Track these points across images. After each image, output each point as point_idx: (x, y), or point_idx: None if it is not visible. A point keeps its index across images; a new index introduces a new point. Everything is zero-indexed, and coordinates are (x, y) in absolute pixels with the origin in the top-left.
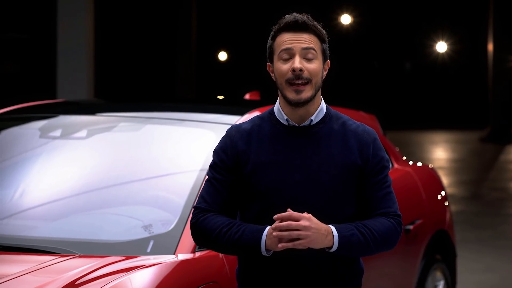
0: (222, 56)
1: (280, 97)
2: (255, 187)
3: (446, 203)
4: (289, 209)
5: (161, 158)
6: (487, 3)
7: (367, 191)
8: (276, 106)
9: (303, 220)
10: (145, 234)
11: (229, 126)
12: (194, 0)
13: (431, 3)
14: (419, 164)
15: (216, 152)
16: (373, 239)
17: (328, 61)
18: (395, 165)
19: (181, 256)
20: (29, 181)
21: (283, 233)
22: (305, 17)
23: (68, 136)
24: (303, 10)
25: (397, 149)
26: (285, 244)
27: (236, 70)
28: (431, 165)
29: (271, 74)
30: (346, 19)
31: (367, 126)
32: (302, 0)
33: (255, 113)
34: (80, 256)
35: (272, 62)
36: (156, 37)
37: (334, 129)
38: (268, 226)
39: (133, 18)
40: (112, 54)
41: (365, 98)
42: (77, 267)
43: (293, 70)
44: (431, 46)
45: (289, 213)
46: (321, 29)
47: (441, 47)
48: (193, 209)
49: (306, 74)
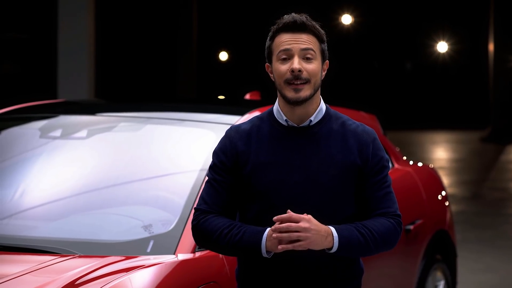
0: (223, 56)
1: (279, 97)
2: (255, 188)
3: (447, 203)
4: (289, 211)
5: (161, 158)
6: (488, 3)
7: (367, 191)
8: (275, 107)
9: (303, 222)
10: (145, 234)
11: (229, 127)
12: (195, 0)
13: (432, 3)
14: (420, 164)
15: (216, 153)
16: (373, 240)
17: (327, 61)
18: (396, 165)
19: (181, 256)
20: (29, 181)
21: (283, 235)
22: (304, 18)
23: (68, 136)
24: (304, 10)
25: (398, 149)
26: (285, 246)
27: (237, 70)
28: (432, 165)
29: (270, 75)
30: (347, 19)
31: (367, 126)
32: (303, 0)
33: (255, 113)
34: (80, 256)
35: (271, 63)
36: (157, 37)
37: (334, 129)
38: (268, 228)
39: (134, 18)
40: (113, 54)
41: (366, 98)
42: (77, 267)
43: (292, 71)
44: (432, 46)
45: (289, 215)
46: (320, 29)
47: (442, 47)
48: (194, 211)
49: (305, 75)
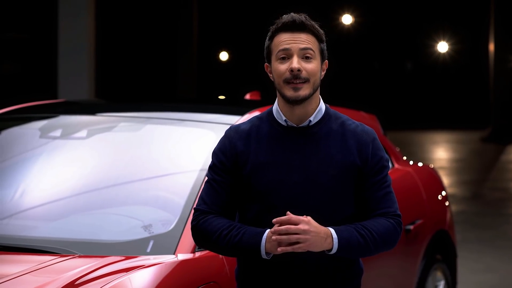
0: (223, 56)
1: (279, 97)
2: (254, 188)
3: (447, 203)
4: (288, 212)
5: (161, 158)
6: (488, 3)
7: (367, 191)
8: (275, 107)
9: (302, 224)
10: (145, 234)
11: (228, 127)
12: (195, 0)
13: (432, 3)
14: (420, 164)
15: (215, 154)
16: (373, 240)
17: (326, 61)
18: (396, 165)
19: (181, 256)
20: (29, 181)
21: (282, 237)
22: (303, 17)
23: (68, 136)
24: (304, 10)
25: (398, 149)
26: (285, 248)
27: (237, 70)
28: (432, 165)
29: (269, 75)
30: (347, 19)
31: (366, 126)
32: (303, 0)
33: (255, 113)
34: (80, 256)
35: (270, 62)
36: (157, 37)
37: (333, 129)
38: (268, 229)
39: (134, 18)
40: (113, 54)
41: (366, 98)
42: (77, 267)
43: (291, 70)
44: (432, 46)
45: (288, 217)
46: (319, 29)
47: (442, 47)
48: (193, 211)
49: (304, 74)
